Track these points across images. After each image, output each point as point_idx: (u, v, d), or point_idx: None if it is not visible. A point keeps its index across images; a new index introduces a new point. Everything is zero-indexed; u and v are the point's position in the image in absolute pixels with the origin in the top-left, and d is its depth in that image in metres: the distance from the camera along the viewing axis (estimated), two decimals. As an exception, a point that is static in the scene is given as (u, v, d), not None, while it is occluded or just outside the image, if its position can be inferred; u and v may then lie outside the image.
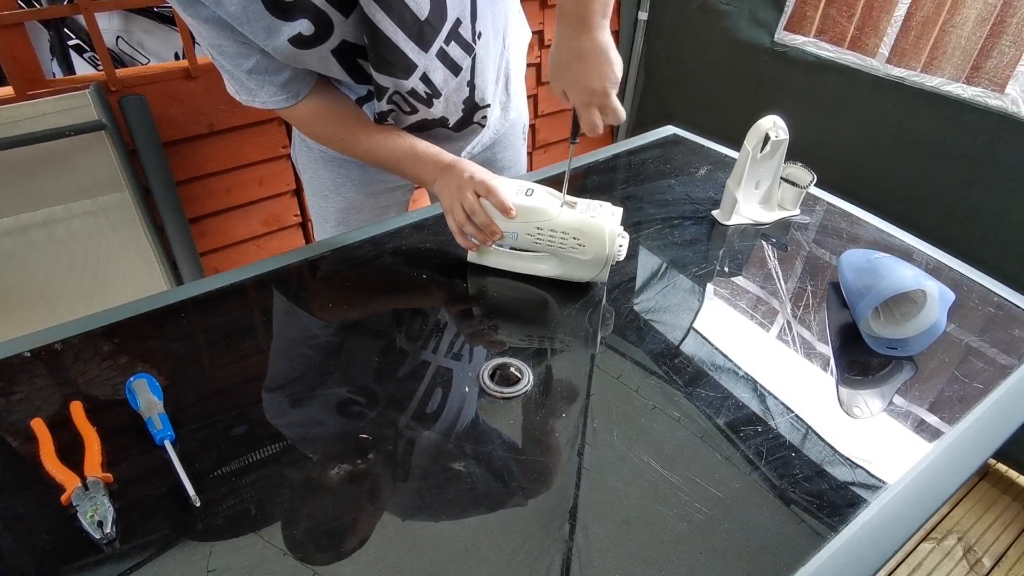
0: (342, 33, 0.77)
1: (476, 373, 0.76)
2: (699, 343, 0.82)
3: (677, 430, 0.70)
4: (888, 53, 1.65)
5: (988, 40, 1.47)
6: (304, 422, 0.70)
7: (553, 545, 0.59)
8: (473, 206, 0.85)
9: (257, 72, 0.81)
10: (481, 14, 0.85)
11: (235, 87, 0.85)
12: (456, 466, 0.65)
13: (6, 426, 0.69)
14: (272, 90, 0.84)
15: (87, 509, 0.59)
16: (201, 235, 1.67)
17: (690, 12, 2.09)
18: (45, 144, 1.29)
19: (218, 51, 0.78)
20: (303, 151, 1.08)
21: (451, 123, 0.98)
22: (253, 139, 1.63)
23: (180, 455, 0.65)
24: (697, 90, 2.20)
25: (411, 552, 0.58)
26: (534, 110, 2.20)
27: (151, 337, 0.82)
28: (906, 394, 0.77)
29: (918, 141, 1.63)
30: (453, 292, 0.91)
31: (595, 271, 0.87)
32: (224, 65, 0.81)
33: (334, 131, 0.91)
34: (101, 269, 1.47)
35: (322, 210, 1.12)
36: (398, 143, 0.92)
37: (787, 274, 0.96)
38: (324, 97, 0.89)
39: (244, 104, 0.86)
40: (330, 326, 0.84)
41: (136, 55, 1.82)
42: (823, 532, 0.60)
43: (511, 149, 1.15)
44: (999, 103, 1.46)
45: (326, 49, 0.78)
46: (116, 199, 1.42)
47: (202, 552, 0.57)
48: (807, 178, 1.07)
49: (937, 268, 0.98)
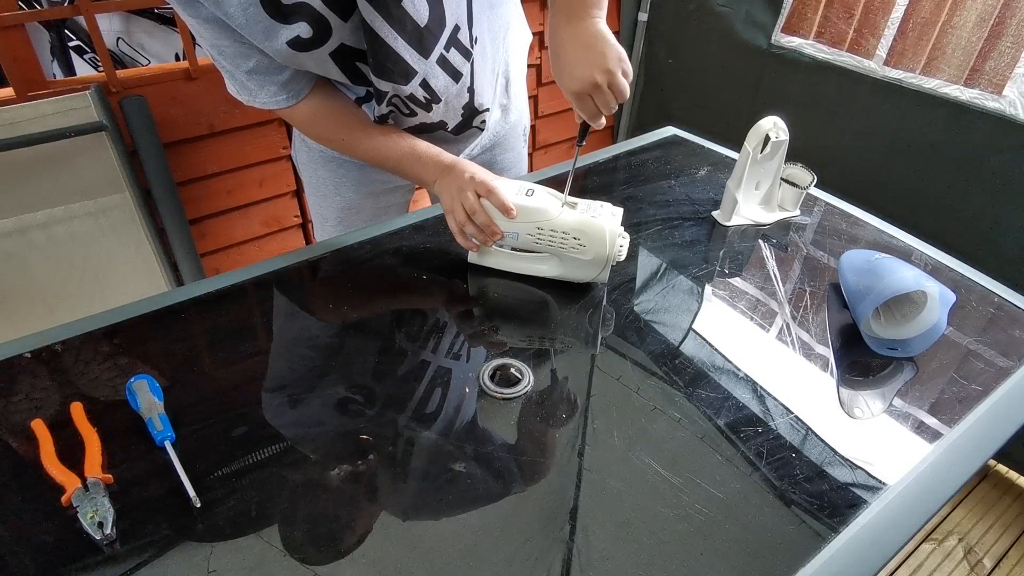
0: (340, 37, 0.77)
1: (476, 374, 0.76)
2: (699, 344, 0.82)
3: (677, 431, 0.70)
4: (885, 55, 1.65)
5: (986, 43, 1.47)
6: (304, 423, 0.70)
7: (553, 546, 0.59)
8: (474, 206, 0.85)
9: (257, 72, 0.81)
10: (477, 19, 0.84)
11: (235, 87, 0.85)
12: (456, 467, 0.65)
13: (7, 427, 0.69)
14: (272, 90, 0.84)
15: (87, 510, 0.59)
16: (201, 236, 1.67)
17: (688, 14, 2.09)
18: (45, 145, 1.29)
19: (218, 51, 0.79)
20: (303, 151, 1.08)
21: (450, 127, 0.98)
22: (253, 140, 1.63)
23: (180, 456, 0.65)
24: (697, 91, 2.20)
25: (411, 553, 0.58)
26: (535, 111, 2.20)
27: (151, 338, 0.82)
28: (906, 395, 0.77)
29: (916, 143, 1.63)
30: (453, 292, 0.91)
31: (596, 271, 0.87)
32: (224, 65, 0.81)
33: (334, 131, 0.91)
34: (101, 270, 1.47)
35: (322, 210, 1.12)
36: (399, 144, 0.92)
37: (787, 275, 0.96)
38: (324, 98, 0.89)
39: (245, 104, 0.86)
40: (330, 327, 0.84)
41: (136, 56, 1.82)
42: (823, 533, 0.60)
43: (511, 151, 1.15)
44: (997, 105, 1.47)
45: (324, 52, 0.78)
46: (116, 200, 1.42)
47: (202, 553, 0.57)
48: (807, 179, 1.07)
49: (937, 269, 0.98)
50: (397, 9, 0.74)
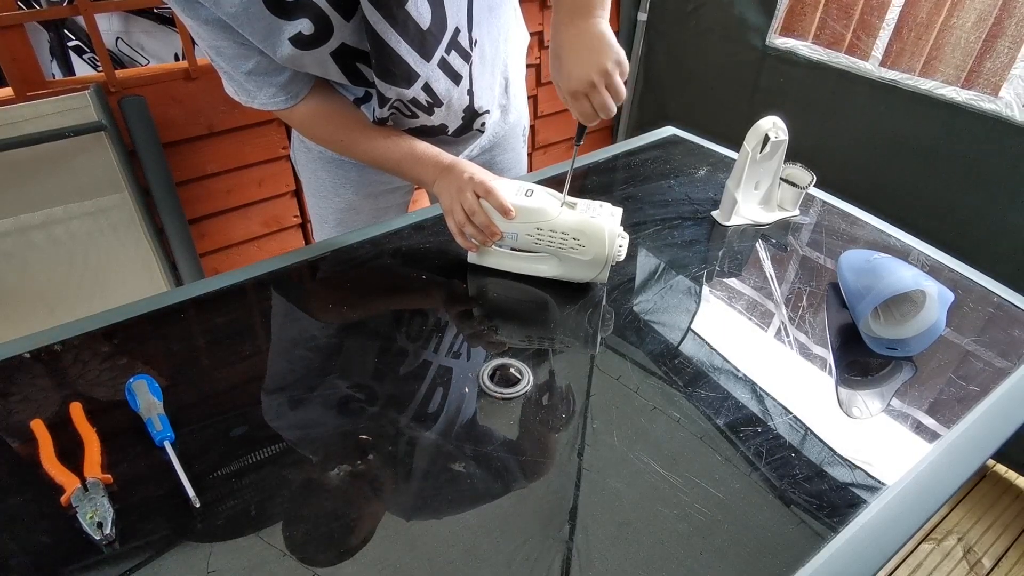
0: (342, 36, 0.77)
1: (476, 374, 0.76)
2: (699, 344, 0.82)
3: (677, 431, 0.70)
4: (881, 57, 1.65)
5: (983, 45, 1.47)
6: (304, 423, 0.70)
7: (553, 546, 0.59)
8: (473, 207, 0.85)
9: (256, 74, 0.81)
10: (477, 21, 0.84)
11: (234, 88, 0.85)
12: (456, 467, 0.65)
13: (6, 427, 0.69)
14: (271, 91, 0.84)
15: (87, 510, 0.59)
16: (201, 236, 1.67)
17: (687, 13, 2.10)
18: (45, 145, 1.29)
19: (217, 52, 0.78)
20: (302, 152, 1.08)
21: (451, 130, 0.98)
22: (253, 140, 1.63)
23: (180, 456, 0.65)
24: (696, 91, 2.20)
25: (411, 553, 0.58)
26: (534, 111, 2.20)
27: (151, 338, 0.82)
28: (905, 395, 0.77)
29: (913, 144, 1.63)
30: (453, 293, 0.91)
31: (595, 271, 0.87)
32: (223, 67, 0.81)
33: (333, 132, 0.91)
34: (101, 270, 1.47)
35: (321, 211, 1.12)
36: (398, 144, 0.92)
37: (786, 275, 0.96)
38: (323, 99, 0.89)
39: (243, 105, 0.86)
40: (330, 327, 0.84)
41: (136, 56, 1.82)
42: (823, 533, 0.60)
43: (511, 151, 1.15)
44: (993, 107, 1.47)
45: (325, 51, 0.78)
46: (116, 200, 1.42)
47: (202, 553, 0.57)
48: (807, 179, 1.07)
49: (936, 268, 0.98)
50: (400, 11, 0.74)
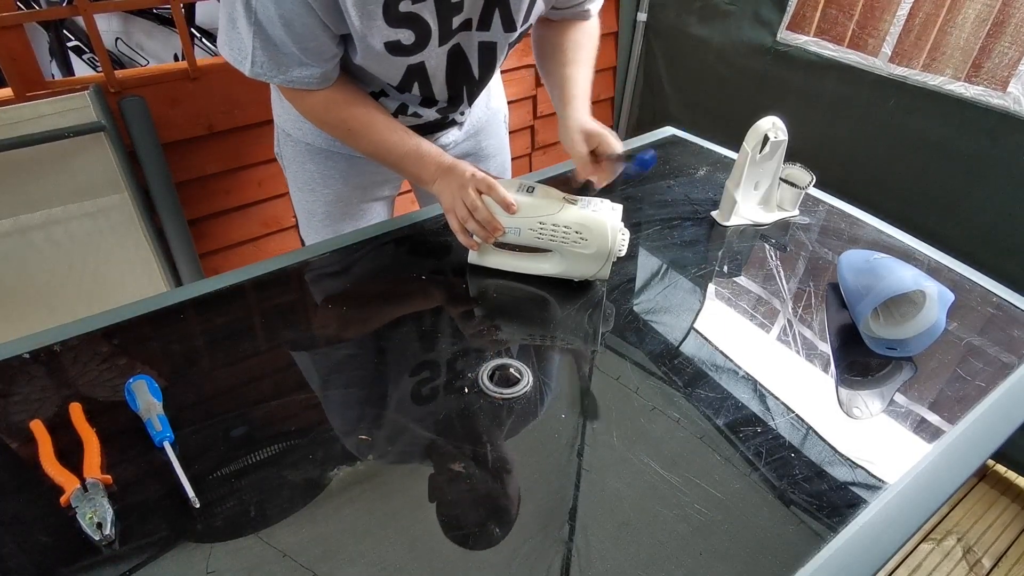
0: (427, 55, 0.82)
1: (476, 374, 0.76)
2: (698, 344, 0.82)
3: (677, 431, 0.70)
4: (891, 52, 1.65)
5: (989, 39, 1.47)
6: (304, 423, 0.70)
7: (553, 546, 0.59)
8: (475, 203, 0.85)
9: (313, 52, 0.79)
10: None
11: (264, 58, 0.79)
12: (456, 467, 0.65)
13: (5, 427, 0.69)
14: (314, 71, 0.81)
15: (86, 511, 0.59)
16: (200, 236, 1.67)
17: (691, 13, 2.09)
18: (44, 145, 1.29)
19: (284, 23, 0.74)
20: (288, 146, 1.07)
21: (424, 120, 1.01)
22: (252, 141, 1.63)
23: (179, 456, 0.65)
24: (696, 91, 2.20)
25: (410, 553, 0.58)
26: (534, 111, 2.20)
27: (150, 338, 0.82)
28: (905, 395, 0.77)
29: (919, 140, 1.63)
30: (453, 293, 0.91)
31: (597, 266, 0.87)
32: (276, 36, 0.76)
33: (343, 121, 0.90)
34: (100, 270, 1.47)
35: (308, 204, 1.11)
36: (404, 141, 0.91)
37: (786, 275, 0.96)
38: (342, 87, 0.88)
39: (256, 78, 0.81)
40: (329, 327, 0.84)
41: (135, 56, 1.82)
42: (823, 533, 0.60)
43: (494, 137, 1.19)
44: (1001, 102, 1.47)
45: (405, 62, 0.82)
46: (115, 200, 1.42)
47: (201, 553, 0.57)
48: (806, 179, 1.07)
49: (936, 269, 0.98)
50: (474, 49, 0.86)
